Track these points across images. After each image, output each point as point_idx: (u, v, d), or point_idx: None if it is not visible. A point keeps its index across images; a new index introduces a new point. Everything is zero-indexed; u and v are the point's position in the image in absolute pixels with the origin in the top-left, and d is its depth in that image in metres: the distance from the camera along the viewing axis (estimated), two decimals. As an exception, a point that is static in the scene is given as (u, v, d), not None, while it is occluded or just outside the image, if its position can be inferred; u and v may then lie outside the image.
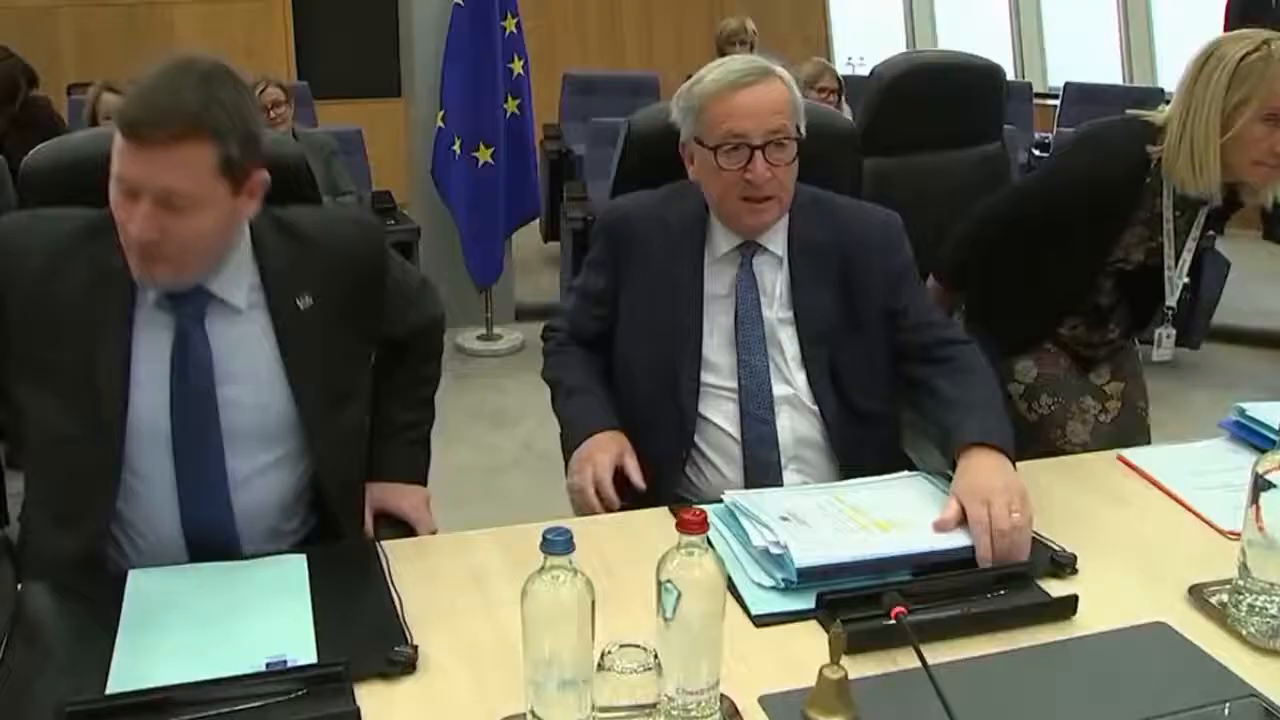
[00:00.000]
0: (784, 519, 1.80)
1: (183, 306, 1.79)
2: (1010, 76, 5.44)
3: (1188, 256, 2.55)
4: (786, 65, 2.15)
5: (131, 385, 1.77)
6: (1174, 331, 2.67)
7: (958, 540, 1.76)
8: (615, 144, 2.50)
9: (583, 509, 2.05)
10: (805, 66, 5.02)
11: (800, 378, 2.14)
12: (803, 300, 2.15)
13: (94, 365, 1.76)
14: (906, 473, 2.04)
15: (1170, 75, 2.49)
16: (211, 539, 1.82)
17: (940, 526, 1.78)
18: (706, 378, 2.15)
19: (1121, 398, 2.71)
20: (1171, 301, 2.60)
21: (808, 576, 1.68)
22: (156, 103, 1.63)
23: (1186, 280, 2.60)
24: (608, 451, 2.07)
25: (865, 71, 8.83)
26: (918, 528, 1.80)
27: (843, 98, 5.32)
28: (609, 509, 2.01)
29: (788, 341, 2.15)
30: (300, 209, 1.95)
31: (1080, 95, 7.74)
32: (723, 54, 6.28)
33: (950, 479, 1.87)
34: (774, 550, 1.72)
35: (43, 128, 4.70)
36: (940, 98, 3.30)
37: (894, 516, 1.83)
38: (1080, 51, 8.86)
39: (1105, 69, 8.47)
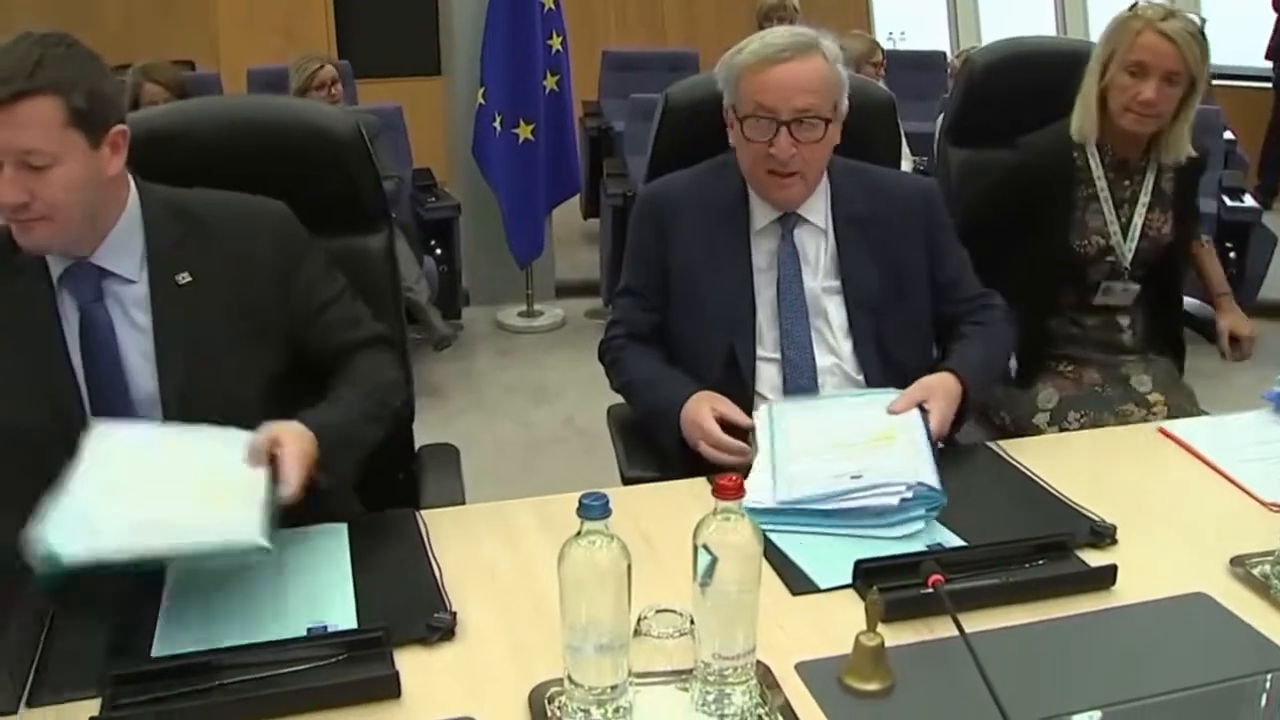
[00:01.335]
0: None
1: (79, 286, 1.80)
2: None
3: (1139, 222, 2.68)
4: (835, 39, 2.15)
5: (77, 375, 1.79)
6: (1122, 287, 2.72)
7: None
8: (649, 119, 2.50)
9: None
10: (855, 43, 4.98)
11: (846, 346, 2.16)
12: (849, 270, 2.17)
13: (34, 362, 1.78)
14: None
15: (1223, 50, 2.49)
16: None
17: (892, 410, 2.00)
18: (756, 349, 2.17)
19: (1167, 404, 2.65)
20: (1126, 263, 2.68)
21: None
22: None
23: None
24: (700, 414, 2.04)
25: (905, 47, 8.76)
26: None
27: (882, 72, 5.28)
28: (741, 454, 2.00)
29: (834, 310, 2.17)
30: (206, 193, 1.91)
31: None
32: (762, 29, 6.24)
33: None
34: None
35: None
36: (1041, 87, 3.19)
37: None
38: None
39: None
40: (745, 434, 2.03)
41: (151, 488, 1.58)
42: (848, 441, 1.92)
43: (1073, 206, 2.65)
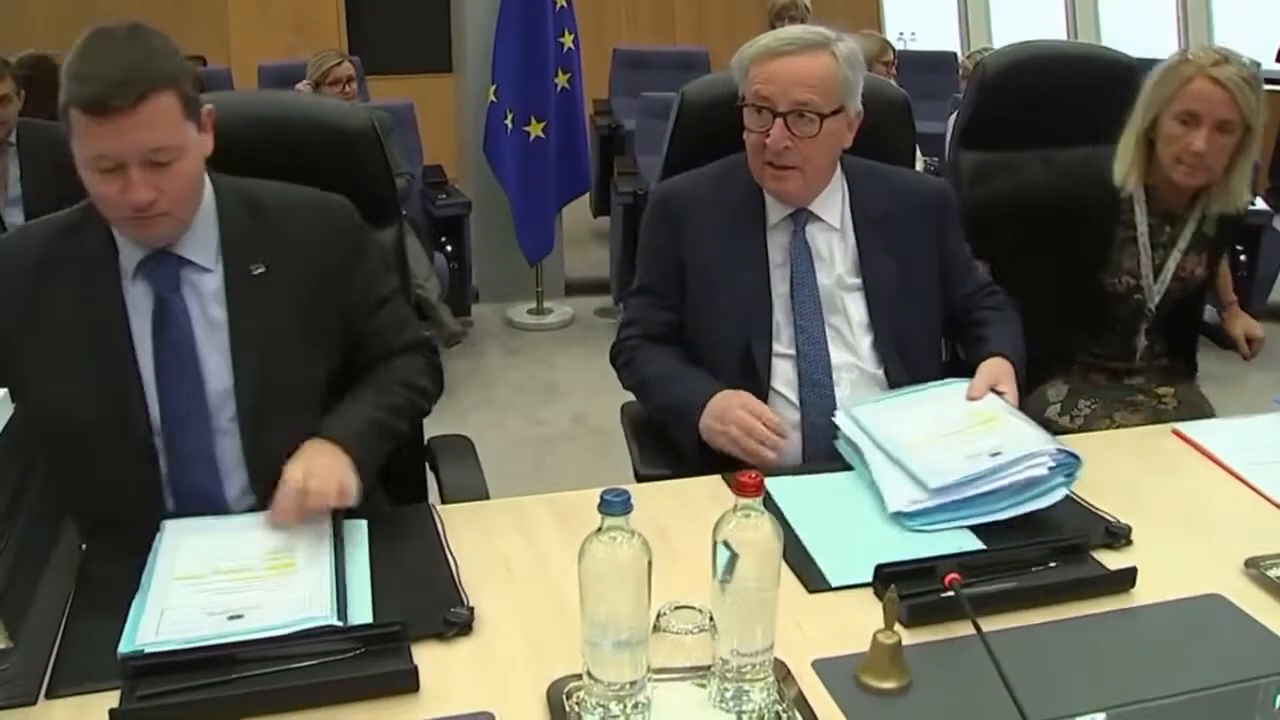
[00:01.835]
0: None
1: (159, 275, 1.82)
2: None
3: (1172, 266, 2.59)
4: (859, 42, 2.17)
5: (140, 365, 1.81)
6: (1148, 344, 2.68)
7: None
8: (665, 118, 2.50)
9: (751, 456, 2.01)
10: (866, 43, 4.97)
11: (865, 342, 2.18)
12: (870, 268, 2.19)
13: (99, 353, 1.79)
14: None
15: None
16: (200, 508, 1.81)
17: (972, 396, 2.05)
18: (773, 346, 2.17)
19: (1177, 397, 2.67)
20: (1152, 304, 2.62)
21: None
22: (109, 75, 1.63)
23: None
24: (729, 407, 2.04)
25: (916, 47, 8.76)
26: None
27: (894, 72, 5.28)
28: (775, 446, 2.02)
29: (853, 307, 2.19)
30: (272, 185, 1.93)
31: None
32: (773, 28, 6.24)
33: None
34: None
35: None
36: (1056, 92, 3.17)
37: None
38: (1134, 29, 8.74)
39: (1161, 45, 8.37)
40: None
41: (224, 577, 1.61)
42: (955, 428, 1.95)
43: (1109, 244, 2.57)
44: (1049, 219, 2.58)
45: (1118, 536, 1.75)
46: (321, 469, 1.72)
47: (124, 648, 1.45)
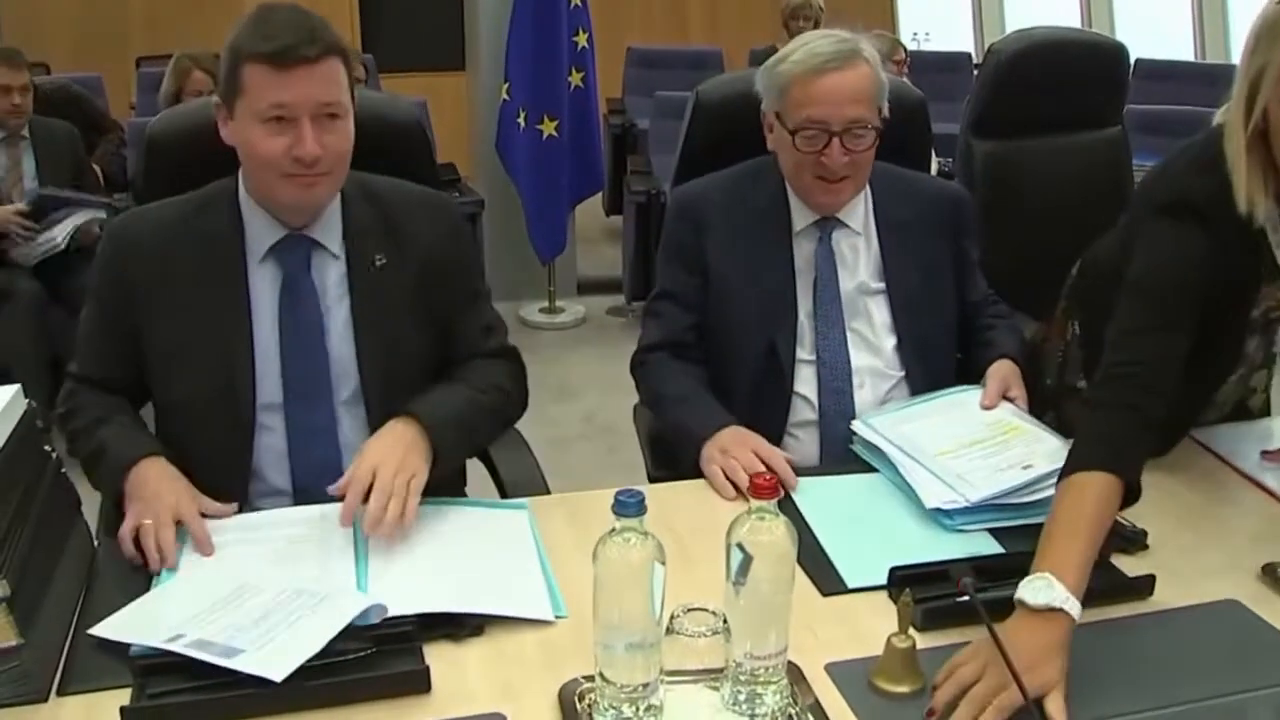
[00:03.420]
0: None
1: (290, 257, 1.89)
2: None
3: None
4: (872, 40, 2.16)
5: (255, 344, 1.87)
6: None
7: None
8: (679, 118, 2.49)
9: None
10: (876, 42, 4.96)
11: (889, 345, 2.18)
12: (893, 272, 2.19)
13: (218, 334, 1.86)
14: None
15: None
16: (320, 489, 1.83)
17: (986, 404, 2.05)
18: (796, 351, 2.17)
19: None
20: None
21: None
22: (297, 29, 1.74)
23: None
24: (745, 443, 1.98)
25: (930, 47, 8.73)
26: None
27: (905, 71, 5.27)
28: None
29: (877, 311, 2.19)
30: (388, 180, 2.00)
31: (1151, 72, 7.61)
32: (787, 28, 6.25)
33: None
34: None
35: (71, 119, 4.77)
36: (1061, 78, 3.16)
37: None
38: (1151, 27, 8.71)
39: (1177, 45, 8.33)
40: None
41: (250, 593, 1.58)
42: (977, 438, 1.95)
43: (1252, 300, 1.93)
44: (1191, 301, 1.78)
45: (1133, 541, 1.74)
46: (395, 461, 1.74)
47: (135, 649, 1.45)
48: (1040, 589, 1.45)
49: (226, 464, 1.86)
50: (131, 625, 1.51)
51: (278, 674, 1.38)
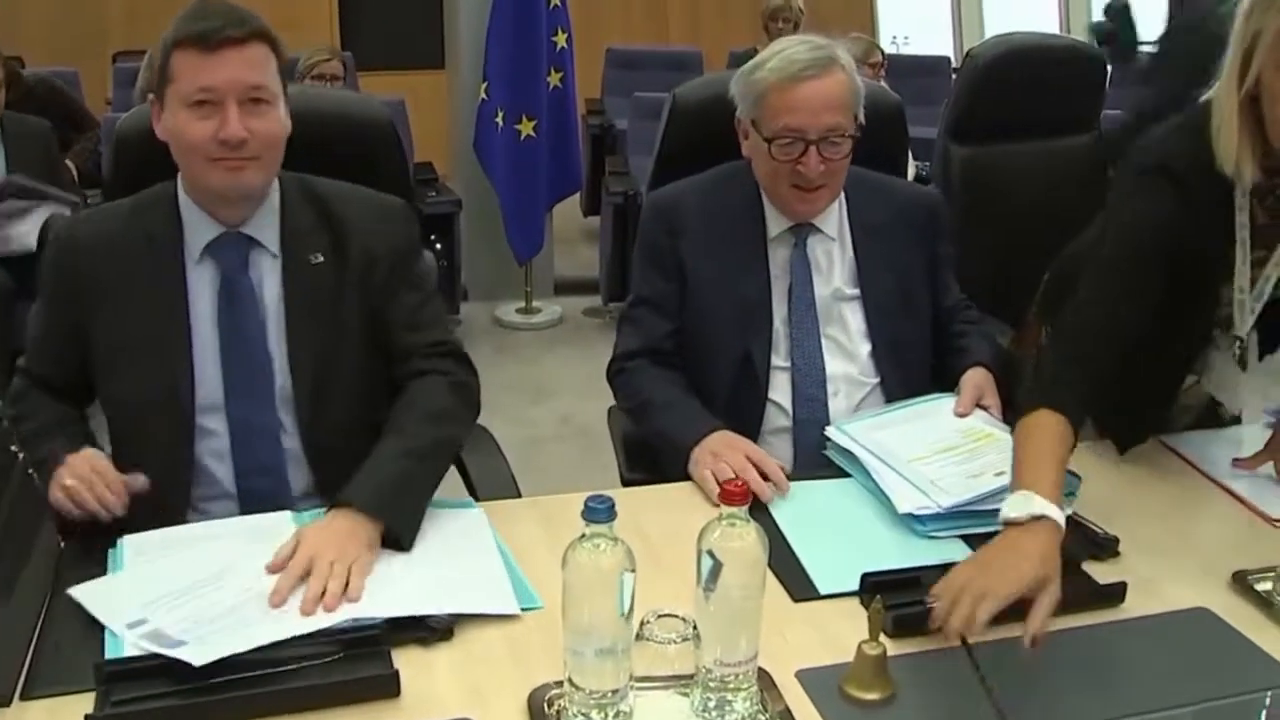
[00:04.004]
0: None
1: (227, 255, 1.87)
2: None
3: (1274, 276, 1.90)
4: (848, 47, 2.15)
5: (194, 344, 1.86)
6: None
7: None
8: (658, 119, 2.49)
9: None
10: (853, 45, 4.97)
11: (864, 350, 2.18)
12: (868, 277, 2.19)
13: (157, 335, 1.85)
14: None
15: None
16: (263, 490, 1.86)
17: (960, 411, 2.06)
18: (771, 358, 2.17)
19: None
20: (1242, 331, 1.95)
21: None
22: (224, 14, 1.76)
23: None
24: (736, 447, 1.97)
25: (910, 51, 8.75)
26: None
27: (883, 74, 5.27)
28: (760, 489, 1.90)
29: (851, 317, 2.18)
30: (332, 182, 1.98)
31: (1125, 77, 7.64)
32: (767, 30, 6.25)
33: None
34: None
35: (49, 116, 4.74)
36: (1039, 83, 3.17)
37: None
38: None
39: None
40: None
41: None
42: (950, 445, 1.95)
43: (1225, 263, 1.91)
44: (1157, 262, 1.83)
45: (1105, 548, 1.74)
46: (334, 550, 1.60)
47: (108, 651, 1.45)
48: (1020, 502, 1.56)
49: (170, 464, 1.84)
50: (106, 597, 1.54)
51: (198, 658, 1.37)
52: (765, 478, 1.91)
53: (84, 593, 1.56)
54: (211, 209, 1.86)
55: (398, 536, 1.69)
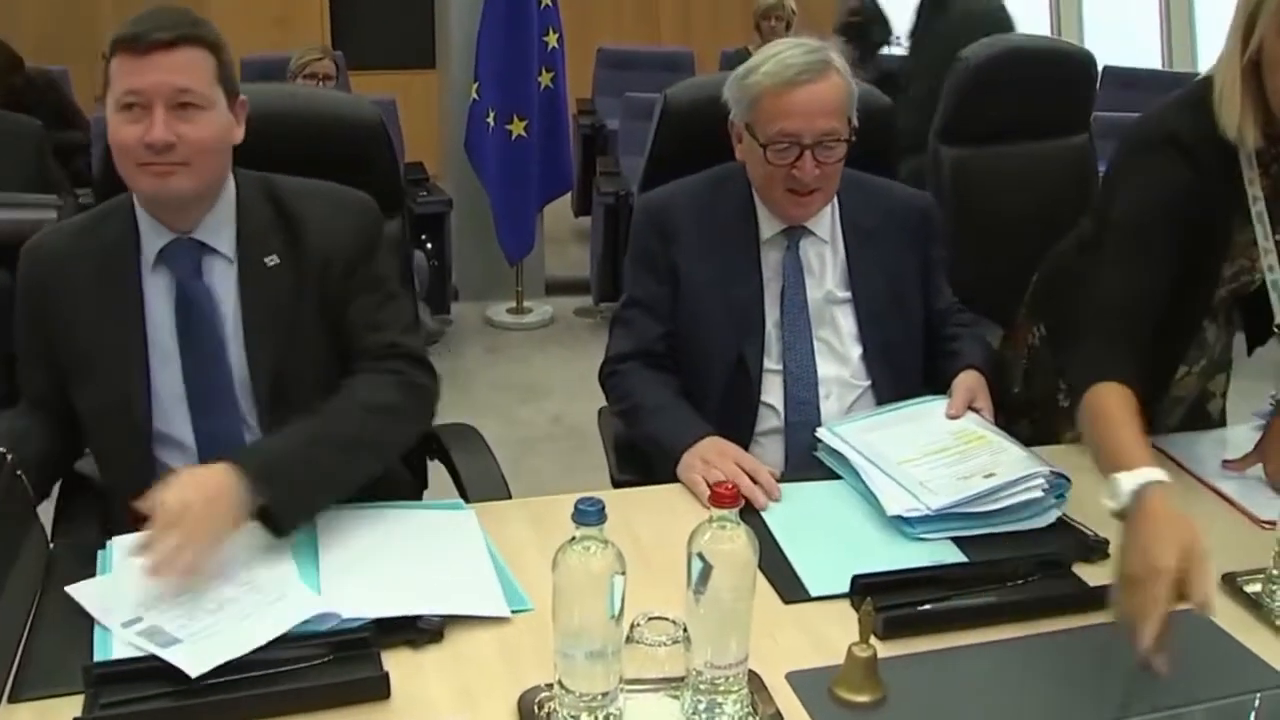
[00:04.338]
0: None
1: (180, 262, 1.84)
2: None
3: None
4: (840, 49, 2.14)
5: (152, 354, 1.83)
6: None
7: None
8: (649, 119, 2.48)
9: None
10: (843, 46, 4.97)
11: (855, 354, 2.18)
12: (859, 280, 2.18)
13: (114, 343, 1.83)
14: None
15: (1212, 58, 2.03)
16: None
17: (952, 414, 2.05)
18: (764, 360, 2.16)
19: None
20: None
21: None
22: (153, 17, 1.73)
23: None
24: (727, 454, 1.96)
25: (901, 52, 8.77)
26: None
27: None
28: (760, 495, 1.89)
29: (843, 320, 2.18)
30: (296, 180, 1.95)
31: (1119, 80, 7.65)
32: (759, 29, 6.26)
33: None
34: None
35: (45, 108, 4.72)
36: (1030, 85, 3.17)
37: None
38: (1119, 34, 8.77)
39: (1145, 53, 8.38)
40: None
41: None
42: (941, 447, 1.95)
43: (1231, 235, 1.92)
44: (1173, 232, 1.84)
45: (1095, 550, 1.74)
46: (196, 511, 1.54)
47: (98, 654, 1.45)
48: (1115, 487, 1.52)
49: (136, 473, 1.80)
50: (102, 596, 1.54)
51: (194, 669, 1.37)
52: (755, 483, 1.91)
53: (80, 591, 1.56)
54: (160, 215, 1.83)
55: (276, 521, 1.63)
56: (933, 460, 1.91)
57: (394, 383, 1.86)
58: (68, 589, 1.56)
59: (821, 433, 2.05)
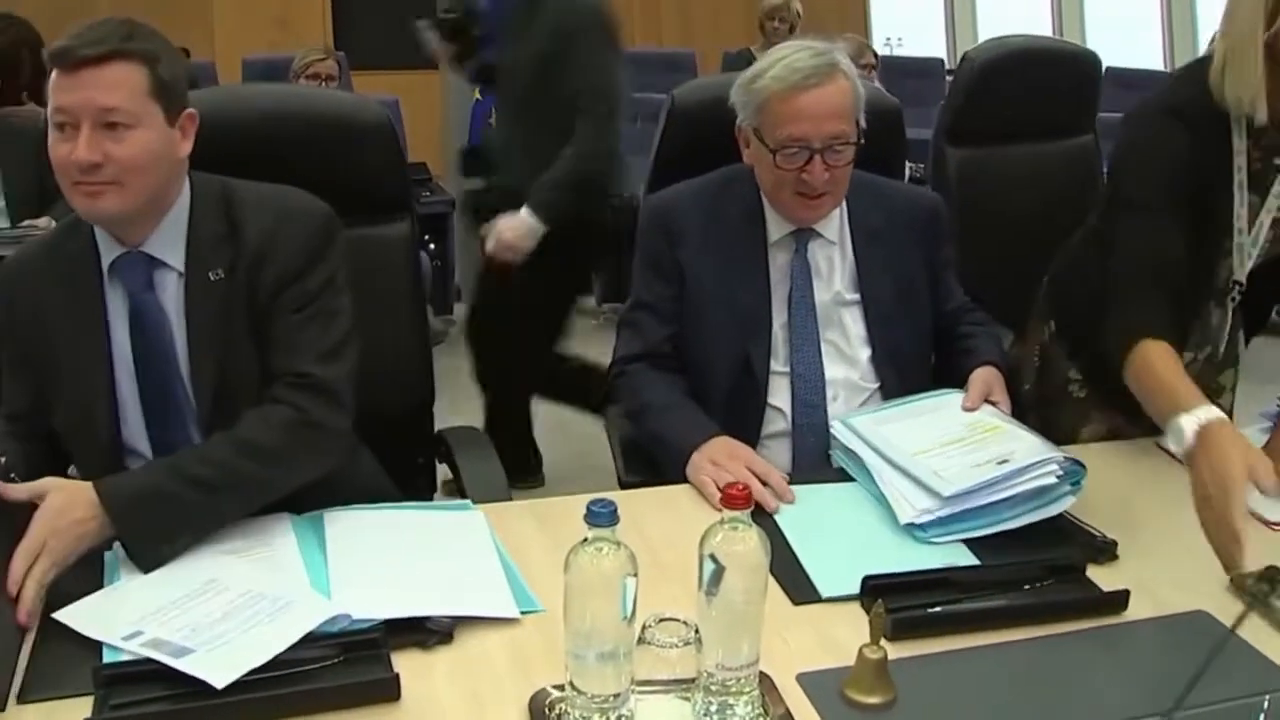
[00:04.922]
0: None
1: (130, 276, 1.81)
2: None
3: (1266, 219, 1.98)
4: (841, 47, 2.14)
5: (115, 368, 1.82)
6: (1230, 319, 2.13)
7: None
8: (651, 120, 2.49)
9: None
10: (845, 46, 4.98)
11: (864, 355, 2.18)
12: (868, 282, 2.18)
13: (77, 360, 1.81)
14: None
15: None
16: None
17: (968, 406, 2.05)
18: (770, 363, 2.16)
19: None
20: (1240, 274, 2.03)
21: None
22: (84, 33, 1.68)
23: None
24: (737, 456, 1.97)
25: (903, 52, 8.76)
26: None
27: (874, 75, 5.28)
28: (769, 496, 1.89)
29: (851, 322, 2.18)
30: (256, 187, 1.88)
31: (1121, 80, 7.65)
32: (763, 30, 6.25)
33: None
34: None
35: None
36: (1035, 86, 3.17)
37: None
38: (1121, 35, 8.77)
39: (1147, 54, 8.38)
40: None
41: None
42: (956, 438, 1.94)
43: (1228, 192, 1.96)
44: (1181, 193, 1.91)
45: (1104, 551, 1.74)
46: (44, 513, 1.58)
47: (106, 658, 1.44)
48: (1178, 430, 1.66)
49: None
50: (95, 615, 1.51)
51: (220, 680, 1.36)
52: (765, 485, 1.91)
53: (70, 615, 1.52)
54: (109, 230, 1.80)
55: (131, 556, 1.63)
56: (947, 450, 1.90)
57: (285, 421, 1.76)
58: (55, 615, 1.52)
59: (836, 428, 2.05)
